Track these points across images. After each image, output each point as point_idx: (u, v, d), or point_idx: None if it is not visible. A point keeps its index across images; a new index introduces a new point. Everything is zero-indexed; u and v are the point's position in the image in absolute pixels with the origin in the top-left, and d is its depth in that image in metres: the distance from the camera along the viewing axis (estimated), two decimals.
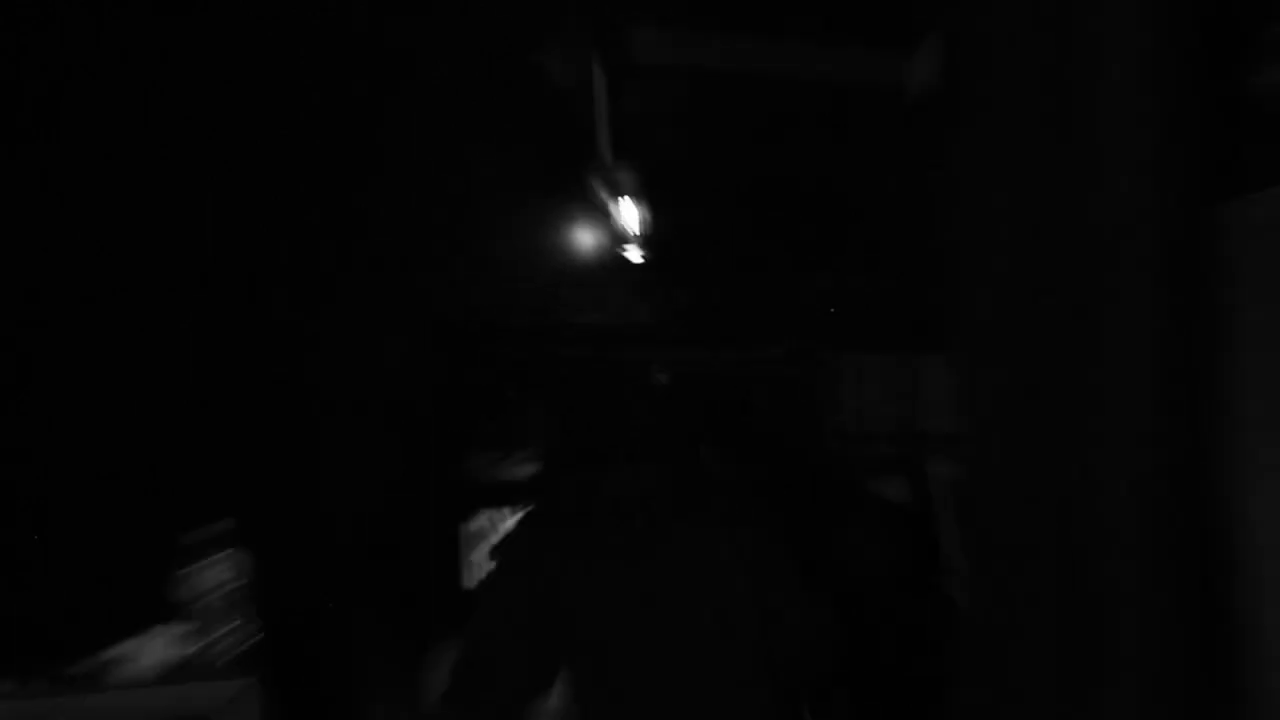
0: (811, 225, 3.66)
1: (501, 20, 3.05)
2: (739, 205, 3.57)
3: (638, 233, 3.40)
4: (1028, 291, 1.93)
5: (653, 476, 2.43)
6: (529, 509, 2.56)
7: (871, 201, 3.60)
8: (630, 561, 2.13)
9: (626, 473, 2.42)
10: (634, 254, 3.41)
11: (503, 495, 3.81)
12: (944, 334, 2.63)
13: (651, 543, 2.18)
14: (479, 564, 3.80)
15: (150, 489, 2.52)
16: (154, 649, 2.16)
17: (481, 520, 3.74)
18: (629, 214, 3.35)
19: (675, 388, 3.99)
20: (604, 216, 3.36)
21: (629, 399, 3.29)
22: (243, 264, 2.99)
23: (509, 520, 4.07)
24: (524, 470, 3.85)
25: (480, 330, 3.61)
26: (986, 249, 2.08)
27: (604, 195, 3.40)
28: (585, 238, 3.50)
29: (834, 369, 4.08)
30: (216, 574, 2.34)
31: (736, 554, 2.23)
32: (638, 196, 3.34)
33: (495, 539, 2.92)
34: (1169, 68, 1.87)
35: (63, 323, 2.68)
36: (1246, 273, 2.17)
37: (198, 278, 2.87)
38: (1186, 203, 1.98)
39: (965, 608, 2.08)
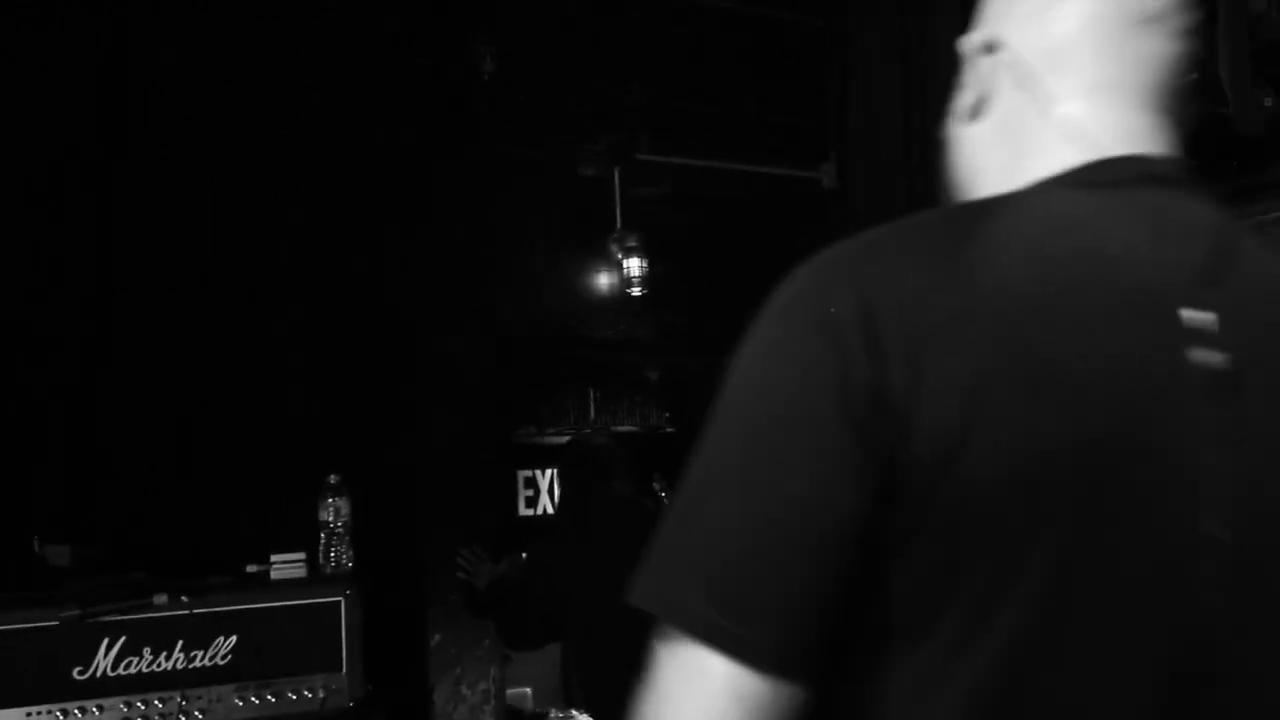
0: (761, 274, 4.81)
1: (554, 140, 4.24)
2: (710, 257, 4.79)
3: (638, 276, 4.66)
4: None
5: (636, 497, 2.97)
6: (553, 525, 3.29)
7: (798, 256, 4.78)
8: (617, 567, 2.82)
9: (622, 492, 2.99)
10: (636, 291, 4.66)
11: (543, 455, 5.04)
12: None
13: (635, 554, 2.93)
14: (524, 500, 5.06)
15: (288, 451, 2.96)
16: (294, 562, 2.62)
17: (528, 471, 5.00)
18: (633, 264, 4.63)
19: (661, 382, 5.24)
20: (616, 265, 4.65)
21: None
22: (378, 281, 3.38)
23: (548, 474, 5.30)
24: (558, 439, 5.07)
25: (529, 338, 4.75)
26: None
27: (616, 250, 4.67)
28: (603, 279, 4.76)
29: None
30: (329, 511, 2.73)
31: None
32: (639, 252, 4.62)
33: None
34: None
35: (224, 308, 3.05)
36: None
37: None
38: None
39: None
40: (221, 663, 2.44)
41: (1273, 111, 2.49)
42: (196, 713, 2.42)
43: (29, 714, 2.30)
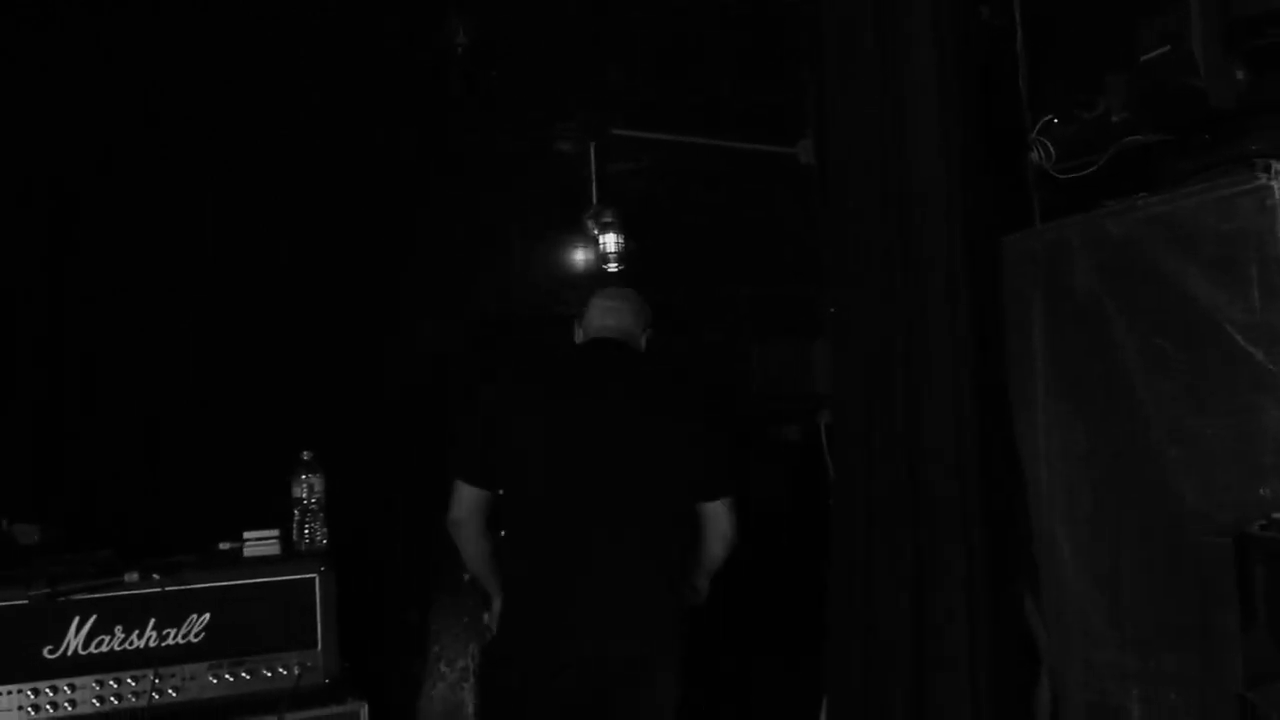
0: (736, 248, 4.81)
1: (531, 116, 4.19)
2: (687, 233, 4.76)
3: (615, 252, 4.63)
4: (874, 299, 2.68)
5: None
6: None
7: (779, 233, 4.78)
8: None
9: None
10: (613, 266, 4.62)
11: None
12: (823, 326, 3.42)
13: None
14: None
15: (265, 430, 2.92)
16: (268, 540, 2.60)
17: None
18: (609, 239, 4.60)
19: None
20: (593, 242, 4.61)
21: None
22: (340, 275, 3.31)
23: None
24: None
25: (504, 317, 4.71)
26: (845, 269, 2.84)
27: (593, 226, 4.63)
28: (579, 256, 4.71)
29: (752, 348, 5.29)
30: (303, 488, 2.71)
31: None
32: (616, 228, 4.58)
33: None
34: (965, 154, 2.65)
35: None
36: (1010, 282, 2.80)
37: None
38: (978, 238, 2.70)
39: (835, 510, 2.72)
40: (195, 641, 2.43)
41: (1245, 85, 2.51)
42: (170, 691, 2.40)
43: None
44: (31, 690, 2.30)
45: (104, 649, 2.35)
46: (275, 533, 2.58)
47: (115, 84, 2.97)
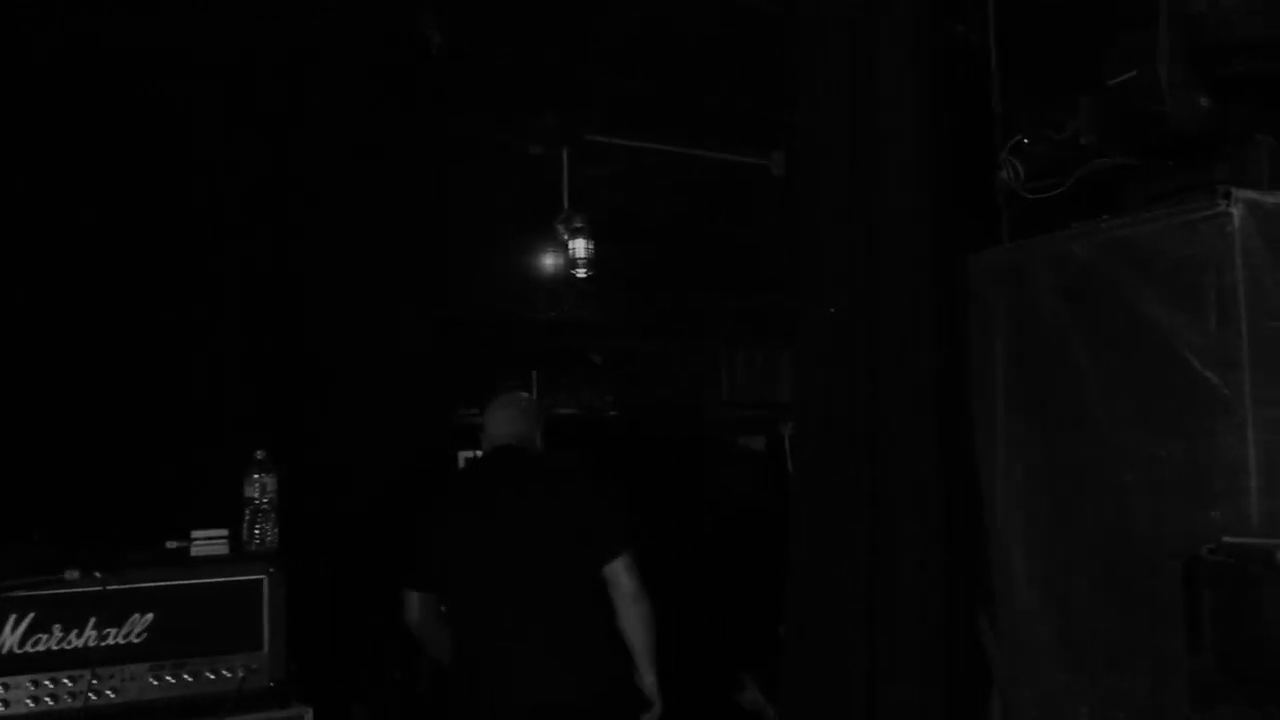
0: (707, 257, 4.83)
1: (502, 117, 4.18)
2: (657, 241, 4.78)
3: (584, 257, 4.62)
4: (841, 312, 2.63)
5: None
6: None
7: (751, 244, 4.79)
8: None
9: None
10: (582, 272, 4.63)
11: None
12: (791, 337, 3.44)
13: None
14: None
15: (217, 429, 2.94)
16: (216, 539, 2.51)
17: (469, 452, 4.94)
18: (579, 245, 4.60)
19: (605, 365, 5.23)
20: (562, 247, 4.61)
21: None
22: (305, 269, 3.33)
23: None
24: None
25: (469, 319, 4.69)
26: (814, 280, 2.77)
27: (563, 231, 4.63)
28: (548, 260, 4.72)
29: (720, 358, 5.33)
30: (255, 488, 2.60)
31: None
32: (586, 233, 4.58)
33: None
34: (935, 170, 2.63)
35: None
36: (975, 298, 2.82)
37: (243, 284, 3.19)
38: (945, 253, 2.68)
39: (794, 517, 2.66)
40: (136, 641, 2.37)
41: (1209, 112, 2.52)
42: (108, 691, 2.34)
43: None
44: None
45: (40, 648, 2.29)
46: (224, 532, 2.52)
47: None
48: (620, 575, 2.70)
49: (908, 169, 2.67)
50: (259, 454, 2.61)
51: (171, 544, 2.54)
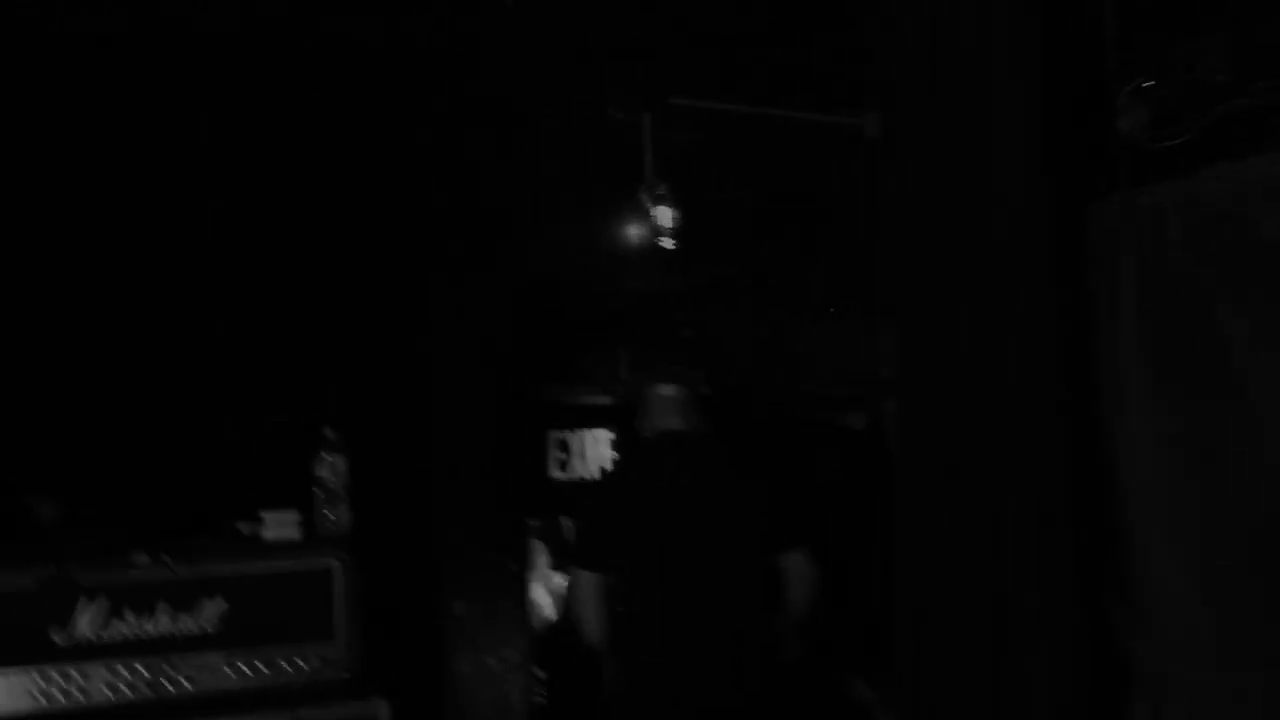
0: (794, 225, 4.61)
1: (584, 86, 4.00)
2: (743, 208, 4.57)
3: (670, 226, 4.43)
4: (944, 276, 2.39)
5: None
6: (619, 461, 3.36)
7: (841, 208, 4.54)
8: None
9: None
10: (668, 242, 4.45)
11: (576, 416, 4.87)
12: (888, 307, 3.26)
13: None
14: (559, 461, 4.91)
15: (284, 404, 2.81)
16: (287, 522, 2.47)
17: (561, 432, 4.84)
18: (663, 213, 4.41)
19: (696, 339, 5.04)
20: (646, 216, 4.43)
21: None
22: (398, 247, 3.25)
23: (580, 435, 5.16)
24: (594, 398, 4.88)
25: (553, 292, 4.56)
26: (912, 244, 2.53)
27: (647, 200, 4.45)
28: (632, 230, 4.54)
29: (817, 330, 5.08)
30: (327, 469, 2.56)
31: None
32: (670, 201, 4.39)
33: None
34: (1046, 120, 2.34)
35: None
36: (1096, 254, 2.48)
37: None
38: (1060, 205, 2.39)
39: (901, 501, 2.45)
40: (209, 629, 2.29)
41: None
42: (183, 681, 2.28)
43: (7, 676, 2.17)
44: (40, 675, 2.19)
45: (114, 635, 2.23)
46: (295, 514, 2.43)
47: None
48: (798, 564, 2.83)
49: (1016, 118, 2.36)
50: (329, 433, 2.51)
51: (243, 526, 2.45)
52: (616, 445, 5.16)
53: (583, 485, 5.01)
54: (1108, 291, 2.47)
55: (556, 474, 5.22)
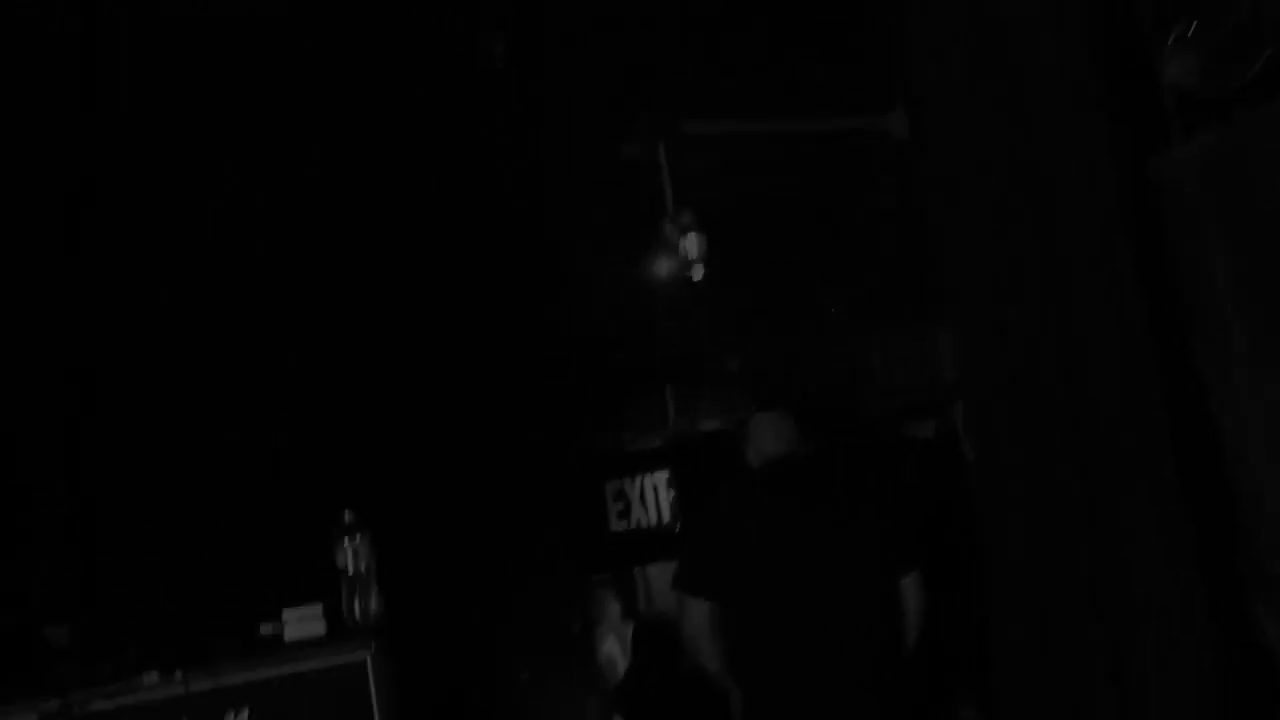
0: (826, 241, 4.35)
1: (596, 121, 3.84)
2: (774, 228, 4.33)
3: (698, 255, 4.22)
4: (1007, 260, 2.28)
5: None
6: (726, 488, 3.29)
7: (876, 215, 4.31)
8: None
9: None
10: (698, 273, 4.24)
11: (629, 463, 4.63)
12: (945, 309, 3.03)
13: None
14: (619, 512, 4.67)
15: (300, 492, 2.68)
16: (311, 616, 2.27)
17: (615, 482, 4.59)
18: (691, 242, 4.20)
19: (742, 370, 4.80)
20: (673, 249, 4.23)
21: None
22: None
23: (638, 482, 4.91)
24: (648, 444, 4.65)
25: (587, 340, 4.36)
26: (962, 243, 2.43)
27: (672, 232, 4.25)
28: (661, 265, 4.34)
29: (870, 342, 4.80)
30: (347, 555, 2.34)
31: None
32: (696, 228, 4.19)
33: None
34: (1096, 77, 2.24)
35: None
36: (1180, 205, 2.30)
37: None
38: (1120, 162, 2.25)
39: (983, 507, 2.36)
40: None
41: None
42: None
43: None
44: None
45: None
46: (318, 608, 2.23)
47: None
48: (908, 589, 2.76)
49: (1065, 80, 2.26)
50: (346, 516, 2.30)
51: (266, 628, 2.25)
52: (674, 484, 4.94)
53: (683, 513, 4.77)
54: (1188, 249, 2.21)
55: (617, 526, 4.99)
